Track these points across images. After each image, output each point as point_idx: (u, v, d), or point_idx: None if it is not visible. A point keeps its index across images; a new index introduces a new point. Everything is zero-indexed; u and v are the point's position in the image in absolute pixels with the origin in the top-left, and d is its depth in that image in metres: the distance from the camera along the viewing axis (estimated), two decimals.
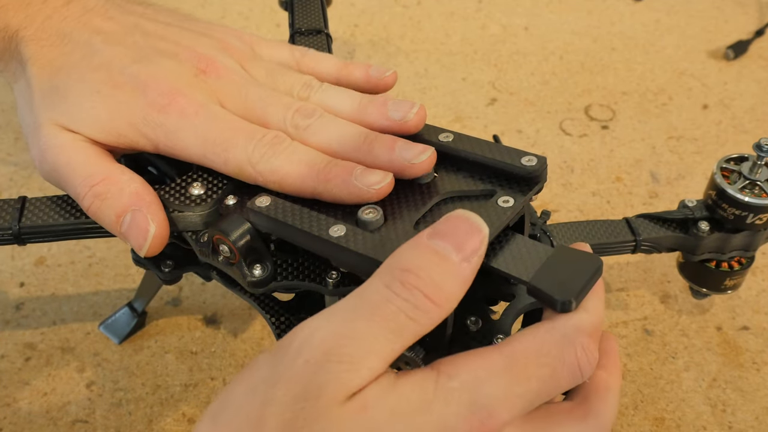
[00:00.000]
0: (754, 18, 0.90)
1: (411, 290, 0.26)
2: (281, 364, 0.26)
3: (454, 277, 0.27)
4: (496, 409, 0.26)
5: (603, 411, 0.28)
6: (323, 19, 0.56)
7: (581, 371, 0.28)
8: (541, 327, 0.28)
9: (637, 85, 0.80)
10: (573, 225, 0.48)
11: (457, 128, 0.59)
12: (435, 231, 0.27)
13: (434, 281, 0.27)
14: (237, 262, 0.35)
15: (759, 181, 0.46)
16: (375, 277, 0.27)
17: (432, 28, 0.89)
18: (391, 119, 0.37)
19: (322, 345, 0.26)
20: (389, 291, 0.27)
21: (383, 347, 0.26)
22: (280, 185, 0.35)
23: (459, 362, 0.27)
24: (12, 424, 0.49)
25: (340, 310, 0.27)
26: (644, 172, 0.69)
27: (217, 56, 0.39)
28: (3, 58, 0.39)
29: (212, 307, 0.56)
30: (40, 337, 0.54)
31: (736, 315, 0.56)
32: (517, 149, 0.35)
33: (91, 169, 0.36)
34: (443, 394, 0.26)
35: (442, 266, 0.27)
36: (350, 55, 0.84)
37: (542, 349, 0.27)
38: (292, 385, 0.25)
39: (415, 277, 0.26)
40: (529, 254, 0.31)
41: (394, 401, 0.26)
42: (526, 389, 0.27)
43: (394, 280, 0.27)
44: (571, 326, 0.28)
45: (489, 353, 0.27)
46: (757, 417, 0.50)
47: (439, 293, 0.27)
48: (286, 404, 0.25)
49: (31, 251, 0.60)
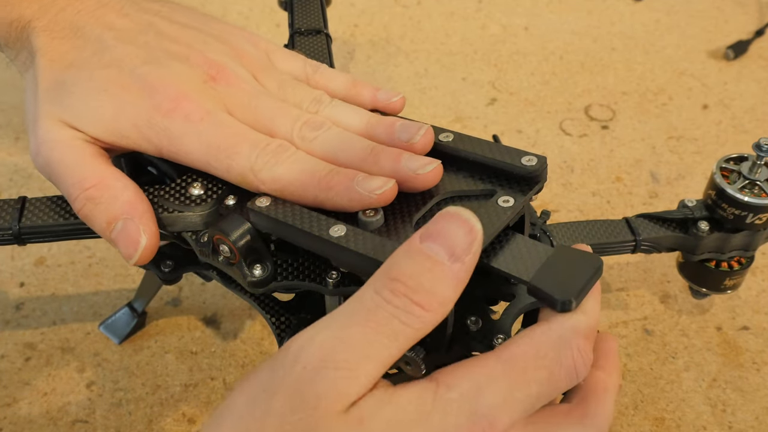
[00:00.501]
0: (754, 18, 0.90)
1: (401, 298, 0.26)
2: (280, 370, 0.26)
3: (447, 281, 0.27)
4: (497, 417, 0.26)
5: (600, 412, 0.28)
6: (323, 19, 0.56)
7: (577, 373, 0.28)
8: (537, 330, 0.28)
9: (637, 85, 0.80)
10: (573, 225, 0.48)
11: (457, 128, 0.59)
12: (427, 232, 0.27)
13: (425, 288, 0.26)
14: (237, 262, 0.35)
15: (758, 180, 0.46)
16: (369, 283, 0.27)
17: (432, 28, 0.89)
18: (398, 140, 0.36)
19: (319, 351, 0.26)
20: (380, 298, 0.27)
21: (379, 352, 0.26)
22: (282, 193, 0.35)
23: (457, 372, 0.27)
24: (12, 424, 0.49)
25: (338, 316, 0.27)
26: (644, 172, 0.69)
27: (229, 63, 0.38)
28: (15, 46, 0.39)
29: (212, 307, 0.56)
30: (40, 337, 0.54)
31: (736, 315, 0.56)
32: (517, 149, 0.35)
33: (85, 172, 0.36)
34: (442, 405, 0.26)
35: (434, 271, 0.27)
36: (350, 55, 0.84)
37: (539, 352, 0.27)
38: (290, 394, 0.25)
39: (404, 286, 0.26)
40: (529, 254, 0.31)
41: (392, 413, 0.25)
42: (525, 393, 0.27)
43: (384, 288, 0.27)
44: (567, 328, 0.28)
45: (486, 360, 0.27)
46: (757, 417, 0.50)
47: (431, 299, 0.27)
48: (284, 416, 0.25)
49: (31, 251, 0.60)
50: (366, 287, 0.27)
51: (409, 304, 0.26)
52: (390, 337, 0.26)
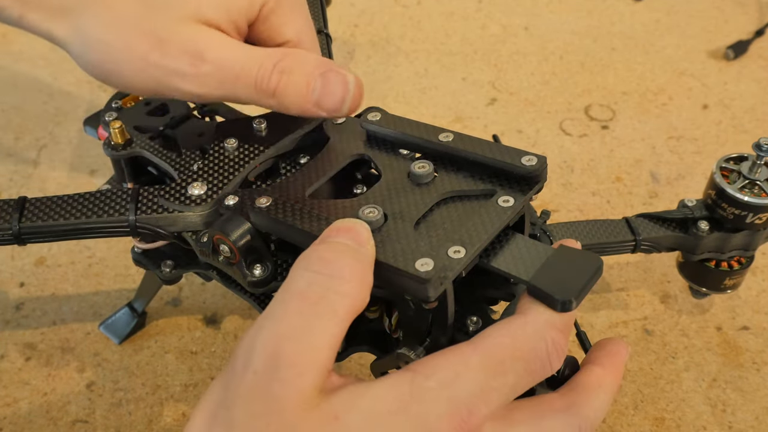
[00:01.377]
0: (754, 18, 0.90)
1: (330, 266, 0.28)
2: (232, 382, 0.26)
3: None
4: (475, 406, 0.26)
5: (587, 405, 0.28)
6: (323, 19, 0.56)
7: (551, 363, 0.28)
8: (513, 322, 0.28)
9: (637, 85, 0.80)
10: (573, 225, 0.48)
11: (457, 128, 0.60)
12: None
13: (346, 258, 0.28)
14: (237, 262, 0.35)
15: (758, 180, 0.46)
16: (295, 266, 0.28)
17: (432, 28, 0.89)
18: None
19: (264, 351, 0.26)
20: (311, 273, 0.27)
21: (323, 335, 0.26)
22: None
23: (434, 362, 0.27)
24: (12, 424, 0.49)
25: (274, 310, 0.27)
26: (644, 172, 0.69)
27: None
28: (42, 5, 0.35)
29: (212, 307, 0.56)
30: (40, 337, 0.54)
31: (736, 315, 0.56)
32: (517, 149, 0.35)
33: (266, 52, 0.35)
34: (420, 394, 0.26)
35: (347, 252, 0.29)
36: (350, 55, 0.84)
37: (516, 343, 0.27)
38: (248, 402, 0.25)
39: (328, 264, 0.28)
40: (529, 254, 0.31)
41: (368, 405, 0.25)
42: (502, 383, 0.27)
43: (312, 262, 0.28)
44: (542, 321, 0.28)
45: (463, 350, 0.27)
46: (757, 417, 0.50)
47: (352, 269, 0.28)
48: (248, 424, 0.25)
49: (31, 251, 0.60)
50: (294, 270, 0.28)
51: (336, 272, 0.27)
52: (329, 313, 0.26)
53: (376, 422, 0.25)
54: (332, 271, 0.27)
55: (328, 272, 0.27)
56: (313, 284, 0.27)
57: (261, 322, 0.27)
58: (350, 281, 0.27)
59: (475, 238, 0.31)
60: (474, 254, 0.30)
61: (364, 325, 0.39)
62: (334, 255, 0.28)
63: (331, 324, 0.26)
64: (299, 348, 0.26)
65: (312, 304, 0.26)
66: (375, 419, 0.25)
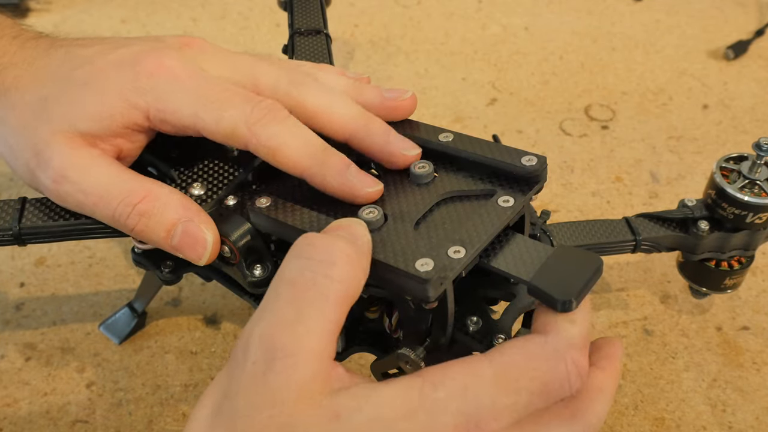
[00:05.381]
0: (754, 18, 0.90)
1: (319, 251, 0.28)
2: (236, 371, 0.26)
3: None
4: (483, 420, 0.25)
5: (592, 411, 0.28)
6: (323, 19, 0.56)
7: (570, 384, 0.27)
8: (531, 341, 0.28)
9: (637, 85, 0.80)
10: (573, 225, 0.48)
11: (457, 128, 0.60)
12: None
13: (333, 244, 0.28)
14: (237, 262, 0.35)
15: (758, 180, 0.46)
16: (287, 258, 0.28)
17: (432, 28, 0.89)
18: (387, 99, 0.38)
19: (261, 342, 0.26)
20: (302, 260, 0.27)
21: (316, 321, 0.26)
22: (274, 154, 0.33)
23: (446, 370, 0.26)
24: (12, 424, 0.49)
25: (268, 302, 0.27)
26: (644, 172, 0.69)
27: (198, 38, 0.38)
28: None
29: (212, 307, 0.56)
30: (40, 337, 0.54)
31: (736, 315, 0.56)
32: (517, 149, 0.35)
33: (129, 185, 0.34)
34: (429, 403, 0.25)
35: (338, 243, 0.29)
36: (350, 55, 0.84)
37: (532, 363, 0.27)
38: (250, 393, 0.25)
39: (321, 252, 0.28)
40: (530, 254, 0.31)
41: (374, 409, 0.25)
42: (515, 401, 0.26)
43: (302, 249, 0.28)
44: (562, 341, 0.27)
45: (477, 362, 0.27)
46: (757, 417, 0.50)
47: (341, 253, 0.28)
48: (252, 415, 0.25)
49: (31, 251, 0.60)
50: (285, 259, 0.28)
51: (326, 257, 0.28)
52: (320, 299, 0.26)
53: (379, 427, 0.25)
54: (322, 256, 0.27)
55: (318, 257, 0.27)
56: (303, 270, 0.27)
57: (258, 313, 0.27)
58: (341, 266, 0.27)
59: (475, 238, 0.31)
60: (474, 254, 0.30)
61: (364, 325, 0.39)
62: (325, 241, 0.28)
63: (323, 310, 0.26)
64: (291, 339, 0.25)
65: (302, 290, 0.27)
66: (378, 423, 0.25)
